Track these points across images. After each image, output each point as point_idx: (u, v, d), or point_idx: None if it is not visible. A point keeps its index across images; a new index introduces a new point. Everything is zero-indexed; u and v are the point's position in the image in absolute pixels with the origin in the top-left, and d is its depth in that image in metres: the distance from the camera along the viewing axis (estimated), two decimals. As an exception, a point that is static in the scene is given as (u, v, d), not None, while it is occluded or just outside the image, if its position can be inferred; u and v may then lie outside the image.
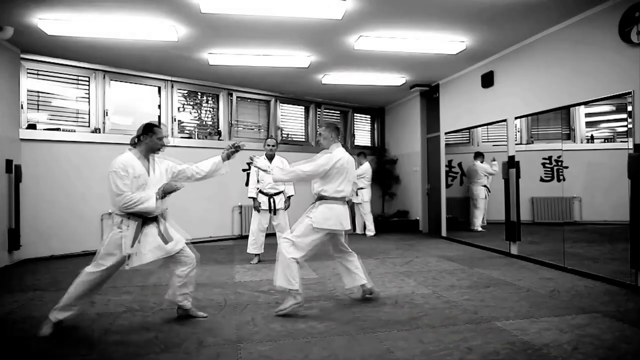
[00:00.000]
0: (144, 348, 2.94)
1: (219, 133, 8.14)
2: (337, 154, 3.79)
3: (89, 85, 6.69)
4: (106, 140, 6.72)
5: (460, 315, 3.57)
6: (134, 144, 3.52)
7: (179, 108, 7.75)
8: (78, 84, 6.64)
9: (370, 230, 8.36)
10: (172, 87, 7.58)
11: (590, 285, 4.45)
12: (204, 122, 8.20)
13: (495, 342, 2.97)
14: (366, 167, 8.36)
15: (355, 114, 10.27)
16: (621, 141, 4.92)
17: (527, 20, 5.10)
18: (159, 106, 7.48)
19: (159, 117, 7.47)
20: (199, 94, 8.10)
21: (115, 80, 6.98)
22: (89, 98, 6.70)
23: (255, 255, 5.83)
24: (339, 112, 10.08)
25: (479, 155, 7.93)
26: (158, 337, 3.13)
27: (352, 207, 8.29)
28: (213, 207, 7.86)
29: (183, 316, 3.56)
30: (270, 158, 5.82)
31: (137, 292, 4.36)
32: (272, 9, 4.57)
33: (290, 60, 6.46)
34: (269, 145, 5.82)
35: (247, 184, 8.20)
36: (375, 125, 10.70)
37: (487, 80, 6.62)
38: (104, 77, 6.81)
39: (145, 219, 3.29)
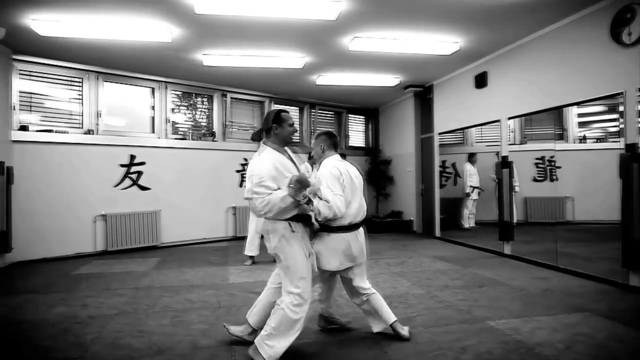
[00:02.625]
0: (137, 351, 2.93)
1: (213, 134, 8.12)
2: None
3: (82, 86, 6.65)
4: (99, 141, 6.69)
5: (453, 315, 3.58)
6: (258, 138, 2.96)
7: (172, 109, 7.72)
8: (71, 85, 6.59)
9: None
10: (166, 88, 7.55)
11: (582, 285, 4.48)
12: (198, 123, 8.17)
13: (489, 342, 2.98)
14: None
15: (349, 115, 10.28)
16: (613, 141, 4.96)
17: (520, 21, 5.13)
18: (153, 107, 7.45)
19: (153, 118, 7.43)
20: (193, 94, 8.08)
21: (109, 81, 6.95)
22: (82, 99, 6.66)
23: (250, 257, 5.81)
24: (333, 112, 10.08)
25: (471, 156, 7.97)
26: (151, 340, 3.12)
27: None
28: (207, 208, 7.84)
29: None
30: None
31: (130, 295, 4.34)
32: (266, 10, 4.57)
33: (284, 61, 6.46)
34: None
35: (241, 185, 8.23)
36: (370, 126, 10.71)
37: (481, 80, 6.65)
38: (97, 78, 6.77)
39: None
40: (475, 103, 6.87)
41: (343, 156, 3.29)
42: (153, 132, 7.43)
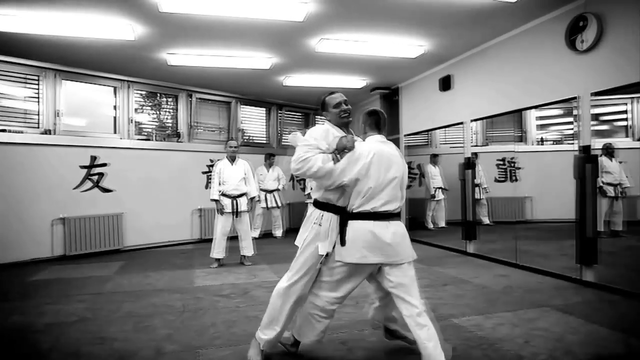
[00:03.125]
0: (98, 359, 2.83)
1: (179, 135, 7.97)
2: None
3: (38, 85, 6.39)
4: (58, 142, 6.43)
5: (419, 313, 3.64)
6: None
7: (136, 109, 7.53)
8: (26, 83, 6.32)
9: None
10: (129, 87, 7.35)
11: (540, 281, 4.66)
12: (163, 124, 8.00)
13: (453, 339, 3.05)
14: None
15: (317, 116, 10.31)
16: (568, 143, 5.18)
17: (483, 26, 5.29)
18: (115, 107, 7.24)
19: (115, 118, 7.22)
20: (158, 94, 7.91)
21: (68, 80, 6.70)
22: (38, 98, 6.39)
23: (216, 259, 5.73)
24: (301, 114, 10.09)
25: (433, 158, 8.15)
26: (113, 347, 3.02)
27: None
28: (172, 210, 7.68)
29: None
30: (232, 160, 5.77)
31: (91, 300, 4.19)
32: (233, 9, 4.52)
33: (251, 62, 6.41)
34: (230, 147, 5.76)
35: (207, 187, 8.12)
36: (337, 127, 10.76)
37: (445, 83, 6.81)
38: (55, 76, 6.51)
39: None
40: (440, 105, 7.03)
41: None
42: (116, 132, 7.22)
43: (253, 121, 9.30)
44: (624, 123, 6.13)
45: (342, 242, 2.51)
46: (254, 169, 6.75)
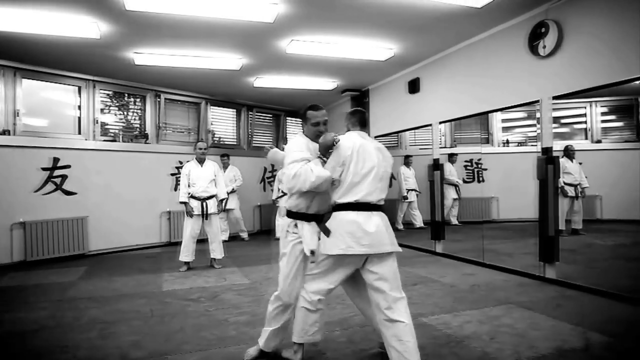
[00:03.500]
0: (61, 366, 2.74)
1: (146, 136, 7.80)
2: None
3: (-4, 83, 6.12)
4: (17, 143, 6.17)
5: (389, 313, 3.69)
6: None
7: (102, 109, 7.32)
8: (-17, 81, 6.05)
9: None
10: (94, 87, 7.14)
11: (506, 279, 4.80)
12: (130, 125, 7.81)
13: (421, 337, 3.09)
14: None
15: (287, 118, 10.29)
16: (532, 145, 5.36)
17: (449, 30, 5.40)
18: (79, 107, 7.01)
19: (79, 118, 7.00)
20: (125, 94, 7.71)
21: (28, 78, 6.44)
22: (-4, 97, 6.13)
23: (185, 263, 5.64)
24: (271, 115, 10.04)
25: (406, 159, 8.27)
26: (76, 356, 2.93)
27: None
28: (139, 213, 7.50)
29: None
30: (201, 162, 5.69)
31: (53, 308, 4.04)
32: (201, 9, 4.46)
33: (221, 63, 6.34)
34: (200, 149, 5.68)
35: (176, 189, 7.98)
36: (308, 129, 10.77)
37: (414, 86, 6.92)
38: (15, 75, 6.25)
39: None
40: (409, 107, 7.14)
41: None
42: (79, 133, 6.99)
43: (223, 122, 9.20)
44: (582, 126, 6.40)
45: (327, 233, 2.57)
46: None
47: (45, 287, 4.84)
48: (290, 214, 2.78)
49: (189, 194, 5.58)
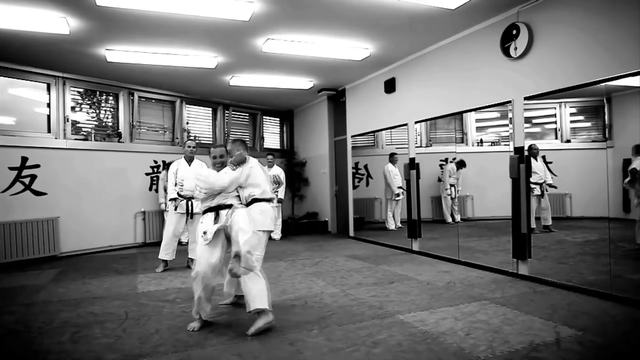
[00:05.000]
0: (31, 372, 2.66)
1: (119, 135, 7.63)
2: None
3: (-40, 80, 5.89)
4: (-17, 141, 5.98)
5: (366, 311, 3.72)
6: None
7: (73, 107, 7.13)
8: (-54, 77, 5.81)
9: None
10: (64, 84, 6.94)
11: (480, 276, 4.89)
12: (103, 123, 7.63)
13: (399, 335, 3.14)
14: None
15: (264, 117, 10.24)
16: (505, 144, 5.47)
17: (425, 31, 5.47)
18: (49, 105, 6.81)
19: (49, 116, 6.79)
20: (97, 92, 7.53)
21: (-6, 75, 6.23)
22: (-40, 94, 5.90)
23: (164, 261, 5.55)
24: (247, 114, 9.97)
25: (392, 156, 8.29)
26: None
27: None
28: (113, 213, 7.35)
29: None
30: (190, 161, 5.61)
31: (22, 312, 3.92)
32: (176, 6, 4.39)
33: (196, 61, 6.26)
34: (189, 147, 5.60)
35: (151, 189, 7.85)
36: (285, 128, 10.77)
37: (390, 86, 6.99)
38: (-20, 71, 6.04)
39: None
40: (385, 107, 7.20)
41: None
42: (49, 131, 6.79)
43: (199, 121, 9.08)
44: (553, 126, 6.57)
45: (256, 218, 3.58)
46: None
47: (15, 291, 4.68)
48: (205, 211, 3.69)
49: (176, 192, 5.52)
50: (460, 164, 7.18)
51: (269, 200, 3.74)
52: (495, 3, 4.65)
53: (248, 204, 3.65)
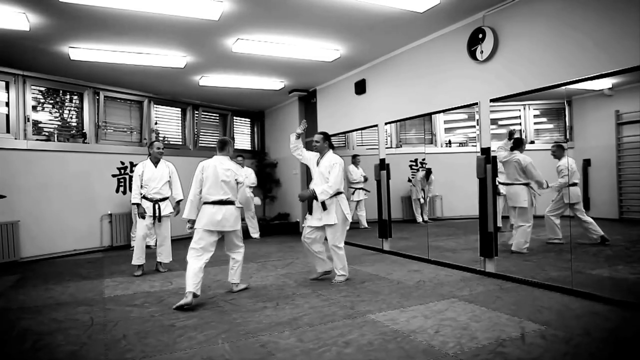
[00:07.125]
0: (-12, 383, 2.54)
1: (84, 135, 7.40)
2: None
3: None
4: (-64, 142, 5.68)
5: (338, 311, 3.73)
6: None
7: (34, 107, 6.87)
8: None
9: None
10: (25, 82, 6.68)
11: (449, 274, 4.99)
12: (67, 123, 7.38)
13: (370, 334, 3.16)
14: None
15: (234, 117, 10.14)
16: (472, 145, 5.61)
17: (394, 33, 5.54)
18: (7, 104, 6.53)
19: (7, 116, 6.52)
20: (60, 91, 7.27)
21: (-52, 72, 5.94)
22: None
23: (139, 266, 5.40)
24: (217, 115, 9.85)
25: (354, 158, 8.38)
26: (7, 369, 2.73)
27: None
28: (77, 216, 7.12)
29: None
30: (156, 162, 5.48)
31: (-20, 319, 3.75)
32: (143, 4, 4.29)
33: (164, 60, 6.14)
34: (158, 149, 5.47)
35: (117, 191, 7.65)
36: (255, 129, 10.69)
37: (360, 87, 7.04)
38: None
39: None
40: (356, 108, 7.26)
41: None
42: (8, 132, 6.52)
43: (168, 122, 8.91)
44: (517, 127, 6.78)
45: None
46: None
47: (-29, 299, 4.47)
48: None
49: (142, 195, 5.37)
50: (428, 172, 7.37)
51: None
52: (462, 7, 4.76)
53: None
